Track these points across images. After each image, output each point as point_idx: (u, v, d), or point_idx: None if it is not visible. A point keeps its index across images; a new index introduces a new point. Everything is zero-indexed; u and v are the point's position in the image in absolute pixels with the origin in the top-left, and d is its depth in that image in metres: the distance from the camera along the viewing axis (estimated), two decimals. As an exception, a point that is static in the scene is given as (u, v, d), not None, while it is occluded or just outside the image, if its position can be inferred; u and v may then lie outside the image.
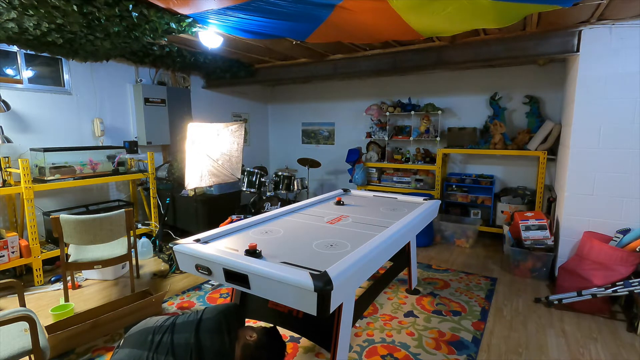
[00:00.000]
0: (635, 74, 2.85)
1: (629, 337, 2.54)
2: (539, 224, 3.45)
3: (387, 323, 2.69)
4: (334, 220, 2.59)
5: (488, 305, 2.98)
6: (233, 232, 2.31)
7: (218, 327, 1.63)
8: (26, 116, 3.71)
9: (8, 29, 2.65)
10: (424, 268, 3.75)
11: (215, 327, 1.63)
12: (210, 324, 1.64)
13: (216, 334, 1.60)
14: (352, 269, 1.66)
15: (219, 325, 1.64)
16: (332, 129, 6.34)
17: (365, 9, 2.47)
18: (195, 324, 1.63)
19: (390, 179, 5.32)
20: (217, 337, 1.59)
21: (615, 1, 2.48)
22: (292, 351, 2.35)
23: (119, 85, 4.48)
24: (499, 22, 2.60)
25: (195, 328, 1.61)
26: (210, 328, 1.62)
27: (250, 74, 5.05)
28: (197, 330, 1.61)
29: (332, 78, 5.22)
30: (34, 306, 2.91)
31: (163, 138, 4.79)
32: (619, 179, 2.99)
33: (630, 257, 2.71)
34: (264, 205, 4.42)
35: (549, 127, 4.10)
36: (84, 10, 2.48)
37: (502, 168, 4.87)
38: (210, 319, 1.67)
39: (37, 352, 1.67)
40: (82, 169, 3.86)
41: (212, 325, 1.64)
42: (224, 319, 1.67)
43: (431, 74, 5.18)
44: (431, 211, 2.98)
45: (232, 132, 4.07)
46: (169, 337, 1.58)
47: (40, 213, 3.78)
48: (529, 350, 2.39)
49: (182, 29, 2.93)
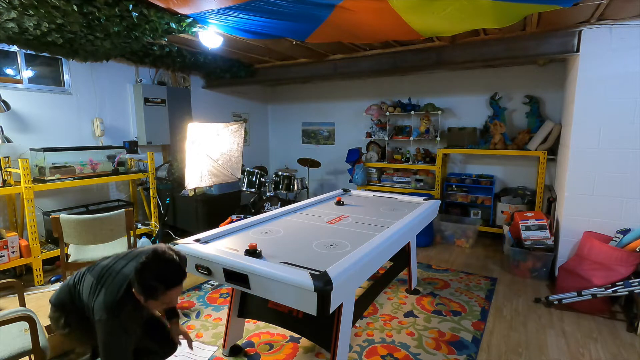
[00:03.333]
0: (635, 74, 2.85)
1: (629, 337, 2.54)
2: (539, 224, 3.45)
3: (387, 323, 2.69)
4: (334, 220, 2.59)
5: (488, 305, 2.98)
6: (233, 232, 2.31)
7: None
8: (26, 116, 3.71)
9: (8, 29, 2.65)
10: (424, 268, 3.75)
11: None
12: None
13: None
14: (352, 269, 1.66)
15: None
16: (332, 129, 6.33)
17: (366, 9, 2.47)
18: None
19: (390, 179, 5.32)
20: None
21: (615, 1, 2.48)
22: (292, 351, 2.35)
23: (119, 85, 4.48)
24: (499, 22, 2.60)
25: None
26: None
27: (250, 74, 5.05)
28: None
29: (332, 78, 5.22)
30: (34, 306, 2.90)
31: (163, 138, 4.79)
32: (619, 179, 2.99)
33: (630, 257, 2.71)
34: (264, 205, 4.42)
35: (549, 127, 4.10)
36: (84, 10, 2.48)
37: (502, 168, 4.87)
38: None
39: (37, 352, 1.67)
40: (82, 169, 3.85)
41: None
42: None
43: (431, 74, 5.18)
44: (431, 211, 2.98)
45: (232, 132, 4.07)
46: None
47: (40, 213, 3.78)
48: (529, 350, 2.39)
49: (182, 29, 2.93)
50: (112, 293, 1.55)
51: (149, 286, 1.47)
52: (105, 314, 1.50)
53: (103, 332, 1.49)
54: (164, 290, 1.49)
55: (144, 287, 1.47)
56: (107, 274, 1.63)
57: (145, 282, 1.47)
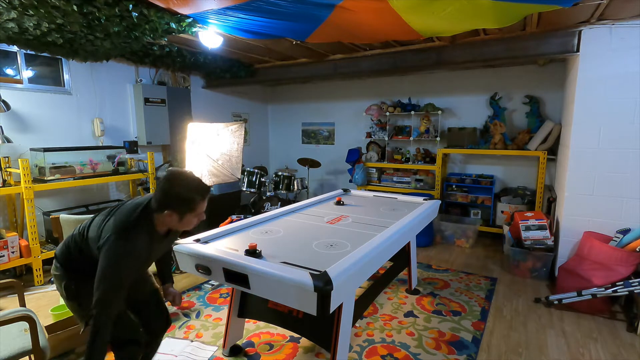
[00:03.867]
0: (635, 74, 2.85)
1: (629, 337, 2.54)
2: (539, 224, 3.45)
3: (387, 323, 2.69)
4: (334, 220, 2.59)
5: (488, 305, 2.98)
6: (233, 232, 2.31)
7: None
8: (26, 116, 3.71)
9: (8, 29, 2.65)
10: (424, 268, 3.75)
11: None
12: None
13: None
14: (352, 269, 1.66)
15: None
16: (332, 129, 6.33)
17: (366, 9, 2.47)
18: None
19: (390, 179, 5.32)
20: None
21: (615, 1, 2.48)
22: (292, 351, 2.35)
23: (119, 85, 4.48)
24: (499, 22, 2.60)
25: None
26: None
27: (250, 74, 5.05)
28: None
29: (332, 78, 5.22)
30: (34, 306, 2.90)
31: (163, 138, 4.79)
32: (619, 179, 2.99)
33: (630, 257, 2.71)
34: (264, 205, 4.42)
35: (549, 127, 4.10)
36: (84, 10, 2.48)
37: (502, 168, 4.87)
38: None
39: (37, 352, 1.67)
40: (82, 169, 3.85)
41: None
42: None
43: (431, 74, 5.18)
44: (431, 211, 2.98)
45: (232, 132, 4.07)
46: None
47: (40, 213, 3.78)
48: (529, 350, 2.39)
49: (182, 29, 2.93)
50: (125, 215, 1.48)
51: (186, 199, 1.48)
52: (114, 234, 1.40)
53: (106, 254, 1.38)
54: (201, 199, 1.52)
55: (181, 201, 1.48)
56: (117, 207, 1.57)
57: (181, 195, 1.47)
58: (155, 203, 1.50)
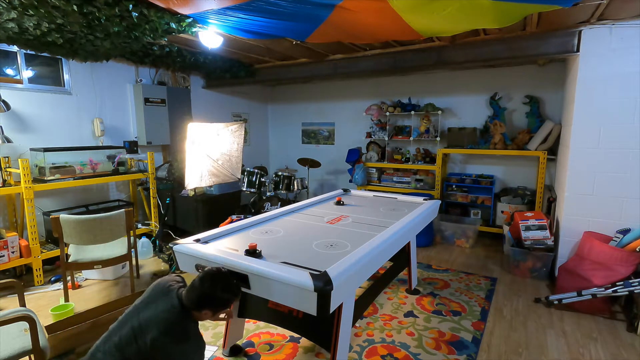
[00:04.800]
0: (635, 74, 2.85)
1: (629, 337, 2.54)
2: (539, 224, 3.45)
3: (387, 323, 2.69)
4: (334, 220, 2.59)
5: (488, 305, 2.98)
6: (233, 232, 2.31)
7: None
8: (26, 116, 3.71)
9: (8, 29, 2.65)
10: (424, 268, 3.75)
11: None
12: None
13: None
14: (352, 269, 1.66)
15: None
16: (332, 129, 6.33)
17: (365, 9, 2.47)
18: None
19: (390, 179, 5.32)
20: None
21: (615, 1, 2.48)
22: (292, 351, 2.35)
23: (119, 85, 4.48)
24: (499, 22, 2.60)
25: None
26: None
27: (250, 74, 5.04)
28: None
29: (332, 78, 5.21)
30: (34, 306, 2.91)
31: (163, 138, 4.79)
32: (619, 179, 2.99)
33: (630, 257, 2.71)
34: (264, 205, 4.42)
35: (549, 127, 4.10)
36: (84, 10, 2.48)
37: (502, 168, 4.87)
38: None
39: (37, 352, 1.67)
40: (82, 169, 3.85)
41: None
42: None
43: (431, 74, 5.18)
44: (431, 211, 2.98)
45: (232, 132, 4.07)
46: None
47: (40, 213, 3.78)
48: (529, 350, 2.39)
49: (182, 29, 2.93)
50: (172, 322, 1.53)
51: (222, 299, 1.62)
52: (172, 342, 1.49)
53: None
54: (235, 298, 1.67)
55: (218, 302, 1.61)
56: (136, 313, 1.58)
57: (218, 297, 1.60)
58: (191, 304, 1.58)
